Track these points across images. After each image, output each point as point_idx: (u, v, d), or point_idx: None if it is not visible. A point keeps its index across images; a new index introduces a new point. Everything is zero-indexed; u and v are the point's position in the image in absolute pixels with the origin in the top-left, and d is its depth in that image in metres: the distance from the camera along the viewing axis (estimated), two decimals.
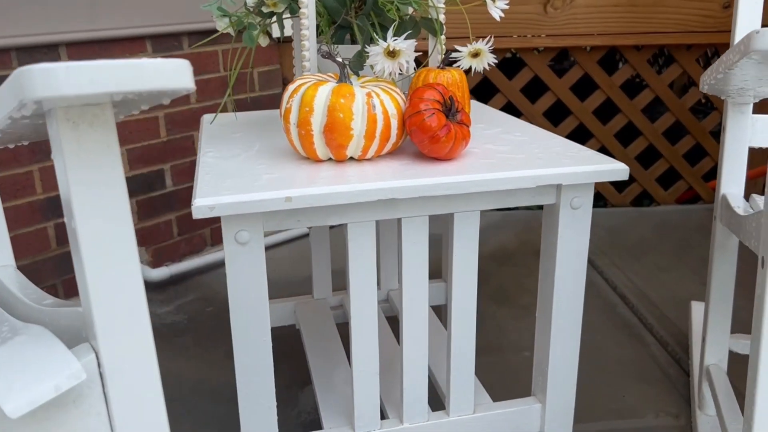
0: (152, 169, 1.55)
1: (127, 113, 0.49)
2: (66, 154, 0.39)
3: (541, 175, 0.74)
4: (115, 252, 0.41)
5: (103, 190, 0.40)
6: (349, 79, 0.77)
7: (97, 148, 0.40)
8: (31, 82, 0.34)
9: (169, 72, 0.37)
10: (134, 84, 0.36)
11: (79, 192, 0.40)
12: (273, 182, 0.70)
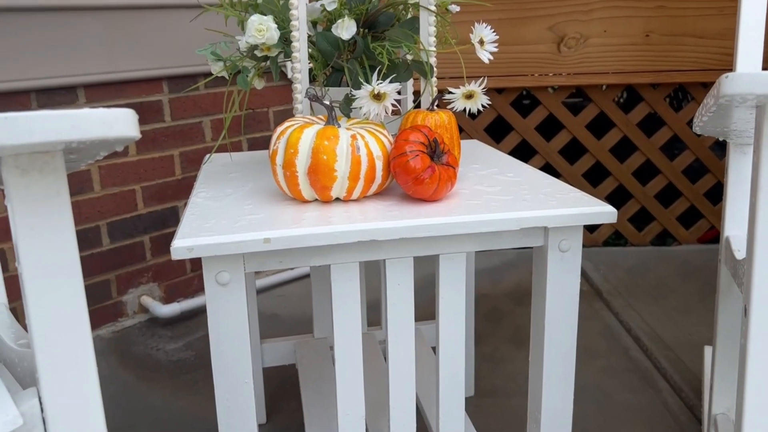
0: (166, 206, 1.58)
1: (88, 160, 0.50)
2: (14, 201, 0.40)
3: (526, 218, 0.73)
4: (61, 298, 0.41)
5: (51, 236, 0.41)
6: (336, 122, 0.78)
7: (47, 195, 0.41)
8: None
9: (112, 121, 0.38)
10: (76, 134, 0.37)
11: (26, 237, 0.40)
12: (254, 223, 0.70)
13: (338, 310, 0.75)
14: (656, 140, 1.90)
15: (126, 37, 1.42)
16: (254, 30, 0.79)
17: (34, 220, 0.41)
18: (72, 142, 0.38)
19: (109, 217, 1.48)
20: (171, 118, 1.54)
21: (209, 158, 1.01)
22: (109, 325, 1.53)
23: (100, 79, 1.40)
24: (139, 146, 1.50)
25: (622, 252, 1.95)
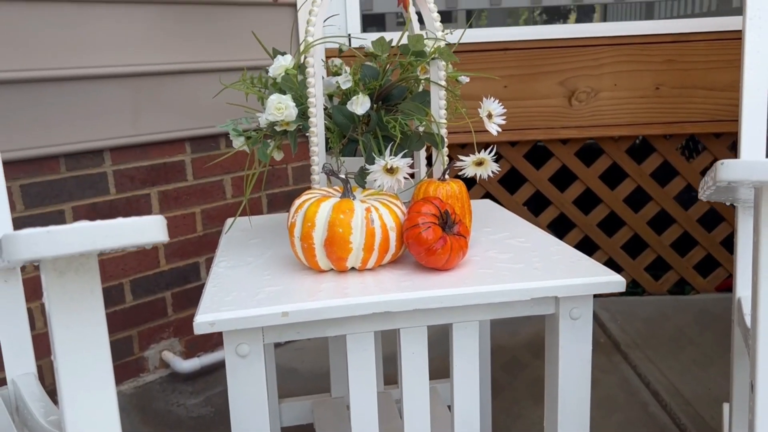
0: (188, 262, 1.62)
1: (116, 251, 0.54)
2: (52, 299, 0.43)
3: (537, 288, 0.75)
4: (92, 388, 0.44)
5: (85, 331, 0.44)
6: (352, 194, 0.81)
7: (82, 293, 0.44)
8: (16, 247, 0.38)
9: (143, 229, 0.42)
10: (112, 242, 0.40)
11: (62, 332, 0.44)
12: (273, 296, 0.73)
13: (354, 377, 0.77)
14: (670, 190, 1.91)
15: (150, 101, 1.48)
16: (274, 108, 0.84)
17: (70, 316, 0.44)
18: (106, 249, 0.41)
19: (132, 275, 1.52)
20: (193, 177, 1.59)
21: (230, 226, 1.04)
22: (131, 381, 1.55)
23: (125, 142, 1.45)
24: (162, 205, 1.55)
25: (639, 301, 1.94)
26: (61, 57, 1.33)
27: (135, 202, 1.50)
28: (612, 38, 1.78)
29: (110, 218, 1.12)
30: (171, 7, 1.48)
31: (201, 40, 1.54)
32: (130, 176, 1.49)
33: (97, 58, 1.38)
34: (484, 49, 1.79)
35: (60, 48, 1.32)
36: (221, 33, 1.57)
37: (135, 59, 1.44)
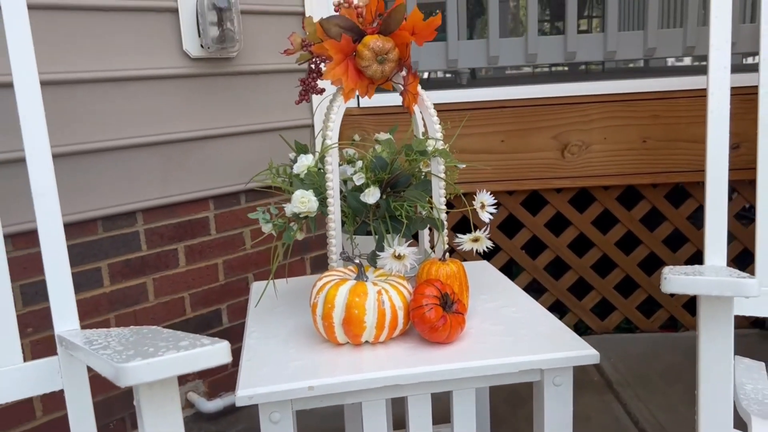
0: (211, 309, 1.75)
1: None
2: (142, 403, 0.57)
3: (524, 362, 0.88)
4: None
5: (167, 421, 0.58)
6: (365, 275, 0.95)
7: (164, 399, 0.58)
8: (126, 376, 0.52)
9: (214, 355, 0.55)
10: (192, 367, 0.54)
11: (150, 423, 0.57)
12: (299, 371, 0.87)
13: None
14: (659, 234, 2.04)
15: (177, 165, 1.62)
16: (299, 202, 0.98)
17: (156, 414, 0.57)
18: (185, 372, 0.55)
19: (160, 323, 1.66)
20: (216, 231, 1.73)
21: (258, 302, 1.18)
22: None
23: (155, 204, 1.60)
24: (188, 258, 1.68)
25: (632, 339, 2.07)
26: (100, 130, 1.48)
27: (164, 257, 1.64)
28: (601, 96, 1.92)
29: (141, 273, 1.31)
30: (198, 79, 1.62)
31: (223, 107, 1.68)
32: (160, 233, 1.63)
33: (132, 130, 1.53)
34: (483, 107, 1.93)
35: (100, 122, 1.47)
36: (241, 100, 1.72)
37: (165, 128, 1.58)
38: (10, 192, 1.33)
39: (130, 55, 1.50)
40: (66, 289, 0.93)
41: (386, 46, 0.96)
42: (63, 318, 0.93)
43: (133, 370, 0.52)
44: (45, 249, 0.93)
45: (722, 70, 1.08)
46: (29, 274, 1.41)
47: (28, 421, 1.46)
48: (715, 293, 0.69)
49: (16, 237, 1.37)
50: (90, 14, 1.43)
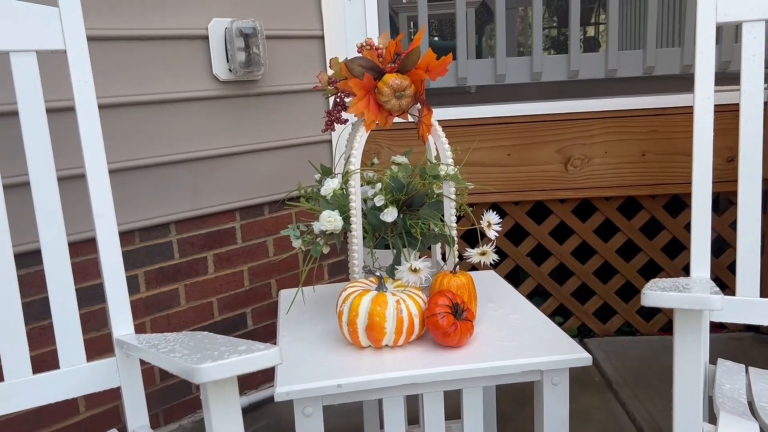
0: (236, 313, 1.89)
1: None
2: (209, 396, 0.70)
3: (525, 364, 1.00)
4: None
5: (228, 410, 0.70)
6: (384, 286, 1.07)
7: (228, 394, 0.70)
8: (201, 375, 0.65)
9: (269, 358, 0.68)
10: (251, 368, 0.67)
11: (216, 412, 0.70)
12: (328, 371, 0.99)
13: (389, 428, 1.02)
14: (657, 242, 2.15)
15: (207, 180, 1.75)
16: (325, 221, 1.10)
17: (219, 405, 0.70)
18: (245, 372, 0.68)
19: (191, 325, 1.79)
20: (242, 240, 1.86)
21: (288, 309, 1.30)
22: (189, 416, 1.82)
23: (186, 215, 1.73)
24: (216, 265, 1.82)
25: (632, 341, 2.18)
26: (139, 149, 1.61)
27: (194, 265, 1.78)
28: (602, 112, 2.04)
29: (174, 280, 1.46)
30: (226, 101, 1.75)
31: (249, 126, 1.81)
32: (191, 243, 1.76)
33: (166, 148, 1.66)
34: (491, 122, 2.05)
35: (138, 142, 1.60)
36: (265, 118, 1.85)
37: (196, 146, 1.72)
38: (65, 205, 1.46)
39: (165, 80, 1.64)
40: (122, 298, 1.06)
41: (403, 84, 1.09)
42: (120, 323, 1.06)
43: (206, 370, 0.65)
44: (104, 262, 1.06)
45: (706, 100, 1.19)
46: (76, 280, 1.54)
47: (72, 416, 1.60)
48: (686, 307, 0.80)
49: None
50: (132, 43, 1.57)
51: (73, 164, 1.42)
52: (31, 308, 1.47)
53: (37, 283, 1.48)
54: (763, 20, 1.18)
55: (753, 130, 1.20)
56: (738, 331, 2.20)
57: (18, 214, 1.33)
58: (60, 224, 1.04)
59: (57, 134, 1.32)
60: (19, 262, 1.39)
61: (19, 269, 1.41)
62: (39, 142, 1.03)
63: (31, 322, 1.48)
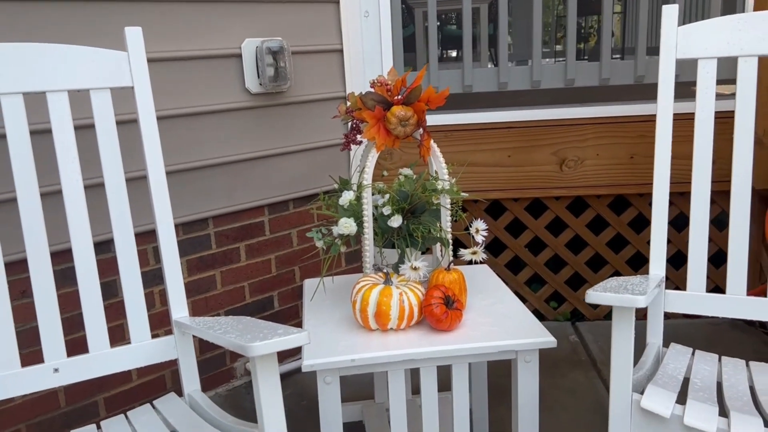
0: (265, 296, 2.15)
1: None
2: (258, 368, 0.95)
3: (503, 345, 1.24)
4: (274, 403, 0.96)
5: (271, 381, 0.96)
6: (390, 280, 1.32)
7: (270, 365, 0.96)
8: (252, 350, 0.90)
9: (300, 340, 0.93)
10: (288, 346, 0.92)
11: (263, 382, 0.95)
12: (345, 348, 1.24)
13: (393, 396, 1.27)
14: (644, 236, 2.37)
15: (240, 180, 2.00)
16: (343, 227, 1.34)
17: (263, 375, 0.95)
18: (282, 348, 0.93)
19: (226, 307, 2.06)
20: (270, 232, 2.12)
21: (312, 296, 1.56)
22: (224, 386, 2.09)
23: (222, 211, 1.98)
24: (248, 255, 2.07)
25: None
26: (182, 155, 1.86)
27: (229, 254, 2.04)
28: (595, 119, 2.25)
29: (211, 267, 1.76)
30: (257, 110, 2.00)
31: (276, 132, 2.06)
32: (226, 235, 2.02)
33: (206, 153, 1.91)
34: (493, 127, 2.27)
35: (181, 148, 1.86)
36: (290, 125, 2.09)
37: (230, 151, 1.96)
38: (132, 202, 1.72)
39: (205, 94, 1.88)
40: (179, 288, 1.32)
41: (408, 114, 1.32)
42: (177, 307, 1.32)
43: (257, 347, 0.89)
44: (165, 252, 1.31)
45: (666, 116, 1.42)
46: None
47: (127, 383, 1.88)
48: (617, 304, 1.04)
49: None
50: (179, 63, 1.81)
51: (134, 167, 1.68)
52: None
53: (103, 269, 1.75)
54: (715, 58, 1.39)
55: (704, 152, 1.42)
56: (715, 317, 2.42)
57: (91, 209, 1.59)
58: (128, 220, 1.29)
59: (122, 143, 1.58)
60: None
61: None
62: (112, 154, 1.28)
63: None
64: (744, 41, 1.35)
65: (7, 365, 1.18)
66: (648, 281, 1.27)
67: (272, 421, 0.95)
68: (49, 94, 1.23)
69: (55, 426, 1.74)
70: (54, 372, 1.22)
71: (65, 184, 1.24)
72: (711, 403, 1.08)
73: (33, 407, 1.71)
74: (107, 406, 1.84)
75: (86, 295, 1.24)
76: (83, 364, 1.24)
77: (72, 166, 1.25)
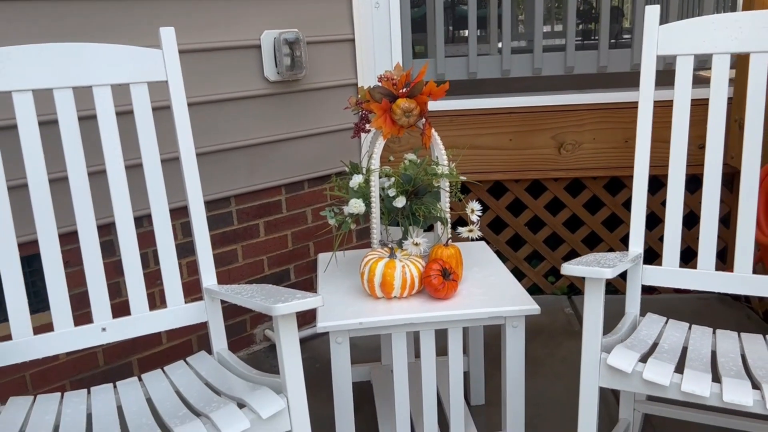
0: (282, 268, 2.33)
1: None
2: (280, 327, 1.13)
3: (493, 311, 1.41)
4: (293, 365, 1.14)
5: (290, 338, 1.14)
6: (394, 254, 1.49)
7: (291, 324, 1.13)
8: (275, 310, 1.08)
9: (315, 302, 1.11)
10: (306, 307, 1.09)
11: (284, 335, 1.13)
12: (354, 313, 1.42)
13: (396, 357, 1.45)
14: None
15: (259, 162, 2.17)
16: (353, 206, 1.51)
17: (291, 333, 1.13)
18: (298, 310, 1.10)
19: (246, 278, 2.24)
20: (286, 210, 2.29)
21: (326, 268, 1.73)
22: (244, 350, 2.29)
23: (243, 191, 2.16)
24: (266, 230, 2.25)
25: (615, 299, 2.57)
26: (207, 138, 2.03)
27: (249, 230, 2.21)
28: (592, 105, 2.38)
29: (233, 242, 1.97)
30: (274, 97, 2.16)
31: (292, 117, 2.22)
32: (246, 212, 2.20)
33: (228, 137, 2.08)
34: (496, 112, 2.41)
35: (206, 132, 2.02)
36: (305, 111, 2.25)
37: (250, 135, 2.13)
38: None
39: (228, 82, 2.04)
40: (209, 258, 1.50)
41: (411, 106, 1.47)
42: (207, 276, 1.50)
43: (280, 308, 1.07)
44: (196, 226, 1.48)
45: (647, 103, 1.56)
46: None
47: (157, 346, 2.08)
48: (587, 275, 1.20)
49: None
50: (204, 54, 1.97)
51: (162, 151, 1.85)
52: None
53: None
54: (692, 54, 1.52)
55: (681, 136, 1.56)
56: (705, 292, 2.57)
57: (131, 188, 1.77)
58: (164, 197, 1.46)
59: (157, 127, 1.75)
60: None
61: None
62: (149, 139, 1.45)
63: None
64: (718, 40, 1.49)
65: (63, 324, 1.36)
66: (625, 257, 1.42)
67: (292, 369, 1.13)
68: (95, 88, 1.40)
69: (95, 383, 1.95)
70: (102, 331, 1.40)
71: (109, 165, 1.41)
72: (670, 362, 1.24)
73: (76, 365, 1.91)
74: (140, 366, 2.04)
75: (128, 264, 1.42)
76: (127, 325, 1.42)
77: (115, 151, 1.42)
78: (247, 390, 1.20)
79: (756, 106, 1.46)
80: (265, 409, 1.10)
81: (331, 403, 1.93)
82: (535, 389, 2.00)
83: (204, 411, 1.14)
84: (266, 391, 1.15)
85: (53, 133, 1.67)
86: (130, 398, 1.30)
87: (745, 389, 1.12)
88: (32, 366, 1.83)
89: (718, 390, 1.14)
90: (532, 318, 2.44)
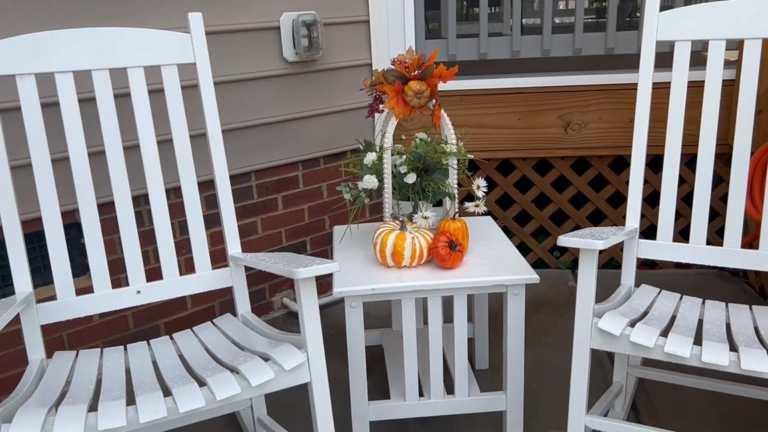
0: (299, 240, 2.45)
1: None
2: (302, 290, 1.25)
3: (495, 280, 1.52)
4: (314, 322, 1.26)
5: (310, 300, 1.26)
6: (405, 227, 1.60)
7: (311, 287, 1.26)
8: (298, 274, 1.20)
9: (333, 267, 1.23)
10: (324, 272, 1.22)
11: (305, 297, 1.26)
12: (367, 280, 1.54)
13: (405, 322, 1.57)
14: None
15: (277, 139, 2.28)
16: (366, 182, 1.62)
17: (311, 295, 1.26)
18: (317, 274, 1.22)
19: (265, 249, 2.37)
20: (303, 185, 2.41)
21: (341, 238, 1.85)
22: (263, 316, 2.43)
23: (262, 167, 2.27)
24: (284, 204, 2.37)
25: (613, 273, 2.67)
26: (229, 116, 2.14)
27: (268, 203, 2.34)
28: (598, 86, 2.46)
29: (253, 214, 2.12)
30: (292, 77, 2.26)
31: (309, 96, 2.32)
32: (266, 187, 2.32)
33: (249, 115, 2.19)
34: (505, 92, 2.50)
35: (228, 110, 2.14)
36: (321, 90, 2.35)
37: (269, 113, 2.24)
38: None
39: (248, 62, 2.15)
40: (234, 228, 1.62)
41: (422, 88, 1.58)
42: (233, 244, 1.62)
43: (301, 271, 1.19)
44: (221, 198, 1.60)
45: (646, 89, 1.65)
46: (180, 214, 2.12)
47: (183, 311, 2.22)
48: (580, 247, 1.31)
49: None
50: (227, 36, 2.08)
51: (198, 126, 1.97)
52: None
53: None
54: (689, 40, 1.61)
55: (677, 117, 1.65)
56: (706, 268, 2.67)
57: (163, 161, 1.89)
58: (192, 171, 1.58)
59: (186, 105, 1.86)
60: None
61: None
62: (179, 117, 1.56)
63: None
64: (715, 27, 1.57)
65: (102, 287, 1.50)
66: (620, 231, 1.53)
67: (312, 327, 1.26)
68: (129, 69, 1.51)
69: (126, 344, 2.09)
70: (137, 293, 1.54)
71: (143, 141, 1.53)
72: (657, 327, 1.35)
73: (108, 327, 2.06)
74: (167, 328, 2.19)
75: (161, 233, 1.55)
76: (160, 288, 1.56)
77: (147, 127, 1.54)
78: (271, 346, 1.33)
79: (748, 89, 1.54)
80: (288, 362, 1.23)
81: (346, 366, 2.07)
82: (539, 357, 2.12)
83: (232, 364, 1.27)
84: (288, 347, 1.28)
85: (87, 111, 1.79)
86: (163, 354, 1.44)
87: (723, 351, 1.23)
88: (69, 326, 1.98)
89: (699, 352, 1.25)
90: (537, 290, 2.56)
